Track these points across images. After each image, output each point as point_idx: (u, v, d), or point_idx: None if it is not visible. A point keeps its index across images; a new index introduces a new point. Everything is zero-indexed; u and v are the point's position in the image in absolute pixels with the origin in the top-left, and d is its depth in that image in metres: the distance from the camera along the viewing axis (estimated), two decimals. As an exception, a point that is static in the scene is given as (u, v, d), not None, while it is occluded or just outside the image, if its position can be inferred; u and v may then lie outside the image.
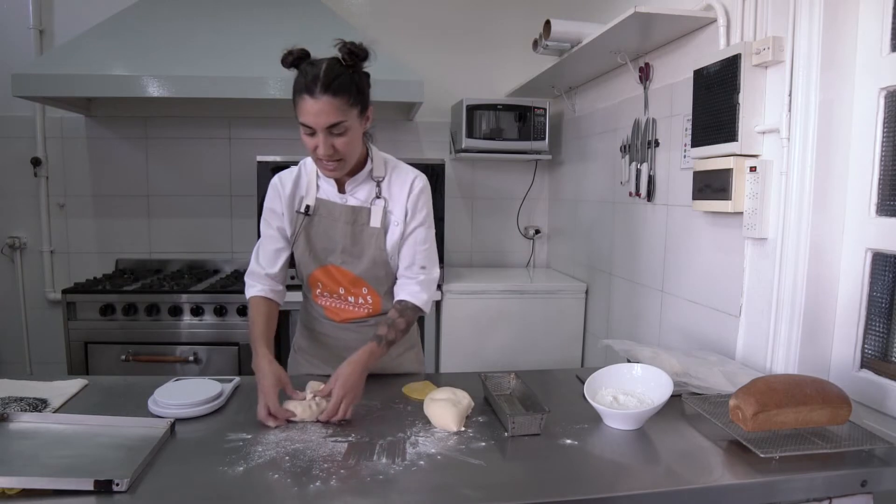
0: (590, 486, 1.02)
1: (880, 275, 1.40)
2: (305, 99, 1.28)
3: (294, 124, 1.34)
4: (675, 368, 1.42)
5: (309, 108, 1.28)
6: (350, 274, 1.50)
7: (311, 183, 1.49)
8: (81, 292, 2.60)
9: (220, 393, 1.31)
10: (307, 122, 1.30)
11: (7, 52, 2.92)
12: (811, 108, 1.43)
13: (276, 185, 1.51)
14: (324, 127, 1.29)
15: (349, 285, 1.52)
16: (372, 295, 1.54)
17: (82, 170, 3.11)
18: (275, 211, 1.50)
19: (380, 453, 1.09)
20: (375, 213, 1.47)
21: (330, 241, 1.48)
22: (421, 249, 1.51)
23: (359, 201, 1.48)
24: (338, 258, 1.49)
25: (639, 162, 2.24)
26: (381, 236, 1.48)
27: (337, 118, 1.29)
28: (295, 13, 2.78)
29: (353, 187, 1.48)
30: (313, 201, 1.48)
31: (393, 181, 1.50)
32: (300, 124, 1.32)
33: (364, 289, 1.53)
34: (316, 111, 1.28)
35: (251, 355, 1.41)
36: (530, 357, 2.74)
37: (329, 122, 1.29)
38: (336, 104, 1.28)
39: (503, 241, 3.39)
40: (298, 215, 1.49)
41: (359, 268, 1.49)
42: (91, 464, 1.00)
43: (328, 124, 1.29)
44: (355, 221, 1.47)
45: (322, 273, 1.52)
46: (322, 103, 1.27)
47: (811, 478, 1.04)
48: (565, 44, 2.37)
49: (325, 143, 1.31)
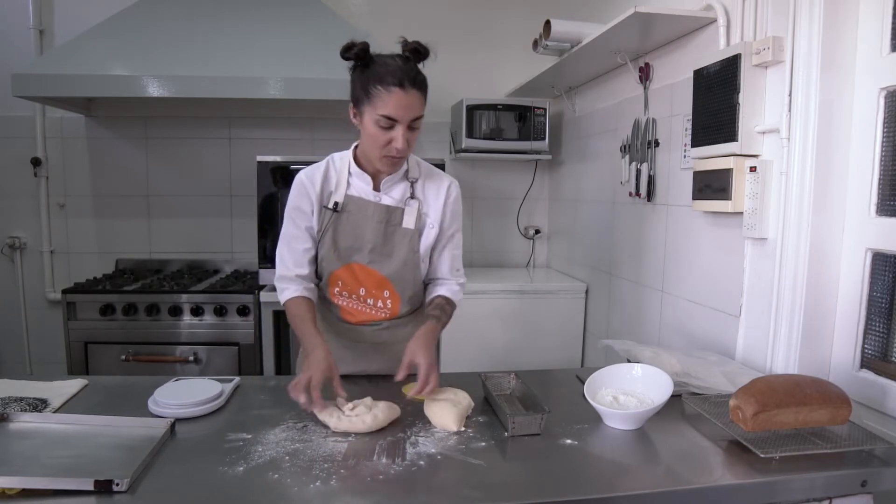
0: (590, 486, 1.02)
1: (880, 275, 1.40)
2: (394, 91, 1.28)
3: (294, 124, 1.34)
4: (675, 368, 1.42)
5: (399, 101, 1.28)
6: (377, 274, 1.48)
7: (342, 179, 1.46)
8: (81, 292, 2.61)
9: (220, 393, 1.31)
10: (393, 114, 1.29)
11: (7, 52, 2.93)
12: (811, 108, 1.43)
13: (304, 183, 1.46)
14: (409, 120, 1.31)
15: (372, 287, 1.50)
16: (392, 299, 1.51)
17: (82, 170, 3.11)
18: (303, 210, 1.47)
19: (380, 453, 1.09)
20: (409, 214, 1.47)
21: (357, 240, 1.46)
22: (458, 254, 1.56)
23: (393, 200, 1.47)
24: (365, 257, 1.47)
25: (639, 162, 2.24)
26: (415, 237, 1.47)
27: (420, 111, 1.33)
28: (295, 13, 2.78)
29: (389, 186, 1.47)
30: (342, 198, 1.46)
31: (427, 183, 1.51)
32: (380, 116, 1.30)
33: (386, 291, 1.51)
34: (406, 104, 1.29)
35: (251, 355, 1.41)
36: (530, 357, 2.74)
37: (415, 115, 1.31)
38: (420, 98, 1.32)
39: (503, 241, 3.39)
40: (326, 211, 1.46)
41: (388, 268, 1.48)
42: (91, 464, 1.00)
43: (413, 117, 1.31)
44: (389, 221, 1.46)
45: (345, 271, 1.49)
46: (412, 96, 1.29)
47: (811, 478, 1.04)
48: (565, 44, 2.37)
49: (404, 136, 1.32)
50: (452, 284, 1.54)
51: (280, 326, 2.69)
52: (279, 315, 2.65)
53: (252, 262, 2.96)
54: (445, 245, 1.53)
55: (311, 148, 3.17)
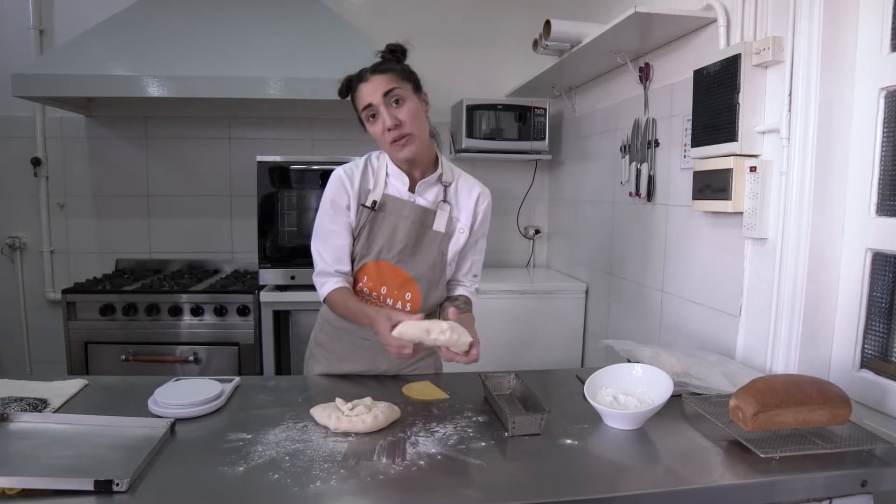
0: (590, 486, 1.02)
1: (880, 275, 1.40)
2: (360, 87, 1.38)
3: (294, 124, 1.36)
4: (675, 368, 1.42)
5: (365, 90, 1.37)
6: (404, 274, 1.48)
7: (380, 178, 1.48)
8: (81, 292, 2.61)
9: (220, 393, 1.31)
10: (365, 101, 1.37)
11: (7, 52, 2.93)
12: (811, 108, 1.43)
13: (342, 179, 1.47)
14: (381, 96, 1.36)
15: (397, 286, 1.49)
16: (413, 302, 1.51)
17: (82, 170, 3.11)
18: (341, 206, 1.47)
19: (380, 453, 1.09)
20: (440, 217, 1.49)
21: (390, 239, 1.47)
22: (478, 259, 1.61)
23: (427, 202, 1.50)
24: (395, 256, 1.47)
25: (639, 162, 2.24)
26: (444, 241, 1.50)
27: (391, 85, 1.36)
28: (295, 13, 2.78)
29: (424, 188, 1.50)
30: (380, 197, 1.47)
31: (460, 188, 1.54)
32: (366, 118, 1.40)
33: (409, 293, 1.50)
34: (372, 89, 1.36)
35: (251, 355, 1.41)
36: (530, 357, 2.74)
37: (384, 89, 1.36)
38: (386, 77, 1.37)
39: (503, 241, 3.39)
40: (363, 209, 1.47)
41: (415, 269, 1.49)
42: (91, 464, 1.00)
43: (383, 91, 1.35)
44: (422, 222, 1.48)
45: (373, 268, 1.49)
46: (375, 80, 1.36)
47: (811, 478, 1.04)
48: (565, 44, 2.37)
49: (388, 113, 1.36)
50: (471, 287, 1.60)
51: (280, 326, 2.69)
52: (279, 315, 2.65)
53: (252, 262, 2.96)
54: (469, 249, 1.57)
55: (311, 148, 3.17)
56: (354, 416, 1.18)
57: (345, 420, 1.18)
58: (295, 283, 2.64)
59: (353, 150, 2.97)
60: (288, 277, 2.64)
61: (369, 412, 1.19)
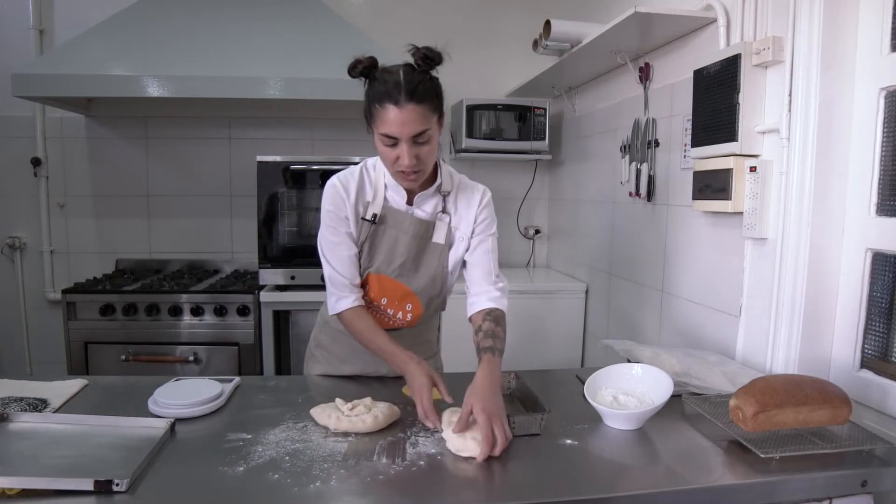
0: (590, 486, 1.02)
1: (880, 275, 1.40)
2: (388, 108, 1.22)
3: (294, 124, 1.34)
4: (675, 368, 1.42)
5: (393, 118, 1.22)
6: (404, 287, 1.46)
7: (379, 190, 1.42)
8: (81, 292, 2.61)
9: (220, 393, 1.31)
10: (391, 132, 1.24)
11: (7, 52, 2.92)
12: (811, 108, 1.43)
13: (338, 189, 1.41)
14: (409, 136, 1.24)
15: (398, 298, 1.47)
16: (414, 311, 1.49)
17: (82, 170, 3.11)
18: (342, 216, 1.41)
19: (380, 453, 1.09)
20: (440, 229, 1.45)
21: (391, 253, 1.44)
22: (493, 258, 1.48)
23: (426, 214, 1.45)
24: (395, 270, 1.44)
25: (639, 162, 2.24)
26: (444, 252, 1.45)
27: (423, 126, 1.24)
28: (295, 13, 2.78)
29: (422, 201, 1.44)
30: (380, 209, 1.42)
31: (459, 196, 1.47)
32: (381, 135, 1.26)
33: (409, 304, 1.48)
34: (402, 120, 1.22)
35: (251, 355, 1.40)
36: (530, 357, 2.74)
37: (415, 130, 1.24)
38: (421, 111, 1.23)
39: (503, 241, 3.35)
40: (364, 223, 1.42)
41: (416, 283, 1.45)
42: (91, 464, 1.00)
43: (414, 133, 1.24)
44: (422, 235, 1.44)
45: (374, 279, 1.46)
46: (408, 111, 1.22)
47: (811, 478, 1.04)
48: (565, 44, 2.37)
49: (409, 153, 1.25)
50: (493, 291, 1.45)
51: (280, 326, 2.69)
52: (279, 315, 2.65)
53: (252, 262, 2.95)
54: (477, 249, 1.47)
55: (311, 148, 3.17)
56: (354, 416, 1.18)
57: (345, 420, 1.18)
58: (295, 283, 2.64)
59: (353, 150, 2.98)
60: (288, 277, 2.64)
61: (369, 412, 1.19)
